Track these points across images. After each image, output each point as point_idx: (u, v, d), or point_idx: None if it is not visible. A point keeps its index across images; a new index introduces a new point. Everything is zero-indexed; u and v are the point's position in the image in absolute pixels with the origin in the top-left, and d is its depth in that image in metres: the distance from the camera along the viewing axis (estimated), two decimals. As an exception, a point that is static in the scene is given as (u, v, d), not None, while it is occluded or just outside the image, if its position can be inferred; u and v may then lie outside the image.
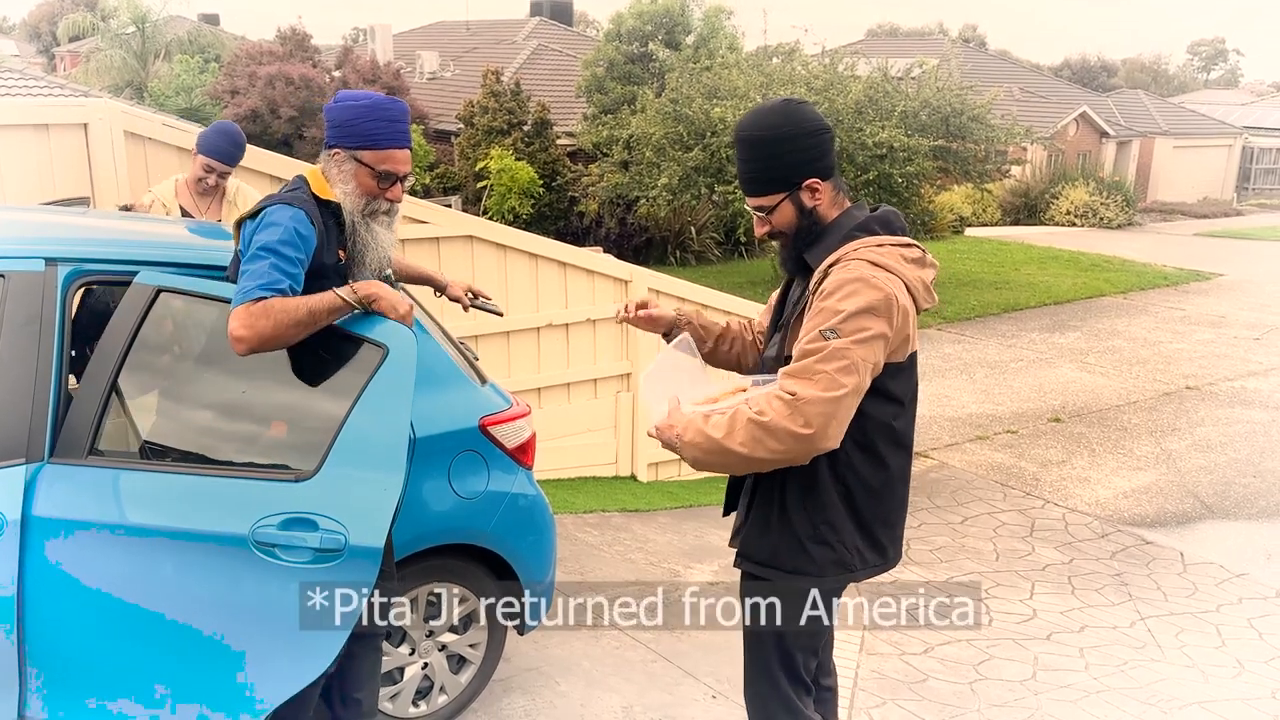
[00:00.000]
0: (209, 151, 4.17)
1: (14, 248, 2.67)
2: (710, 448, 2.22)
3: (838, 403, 2.15)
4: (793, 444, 2.15)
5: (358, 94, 2.65)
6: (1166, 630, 5.21)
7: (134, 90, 27.61)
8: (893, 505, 2.47)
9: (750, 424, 2.17)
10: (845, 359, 2.16)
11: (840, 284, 2.22)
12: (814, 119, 2.36)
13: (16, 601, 2.49)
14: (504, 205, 18.68)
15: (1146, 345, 12.82)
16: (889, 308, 2.21)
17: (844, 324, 2.18)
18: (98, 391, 2.54)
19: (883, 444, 2.37)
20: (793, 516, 2.38)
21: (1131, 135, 32.37)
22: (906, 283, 2.29)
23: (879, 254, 2.29)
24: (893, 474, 2.42)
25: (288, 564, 2.41)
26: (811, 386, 2.15)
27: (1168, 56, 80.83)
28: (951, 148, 15.40)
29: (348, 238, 2.63)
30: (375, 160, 2.58)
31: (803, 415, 2.13)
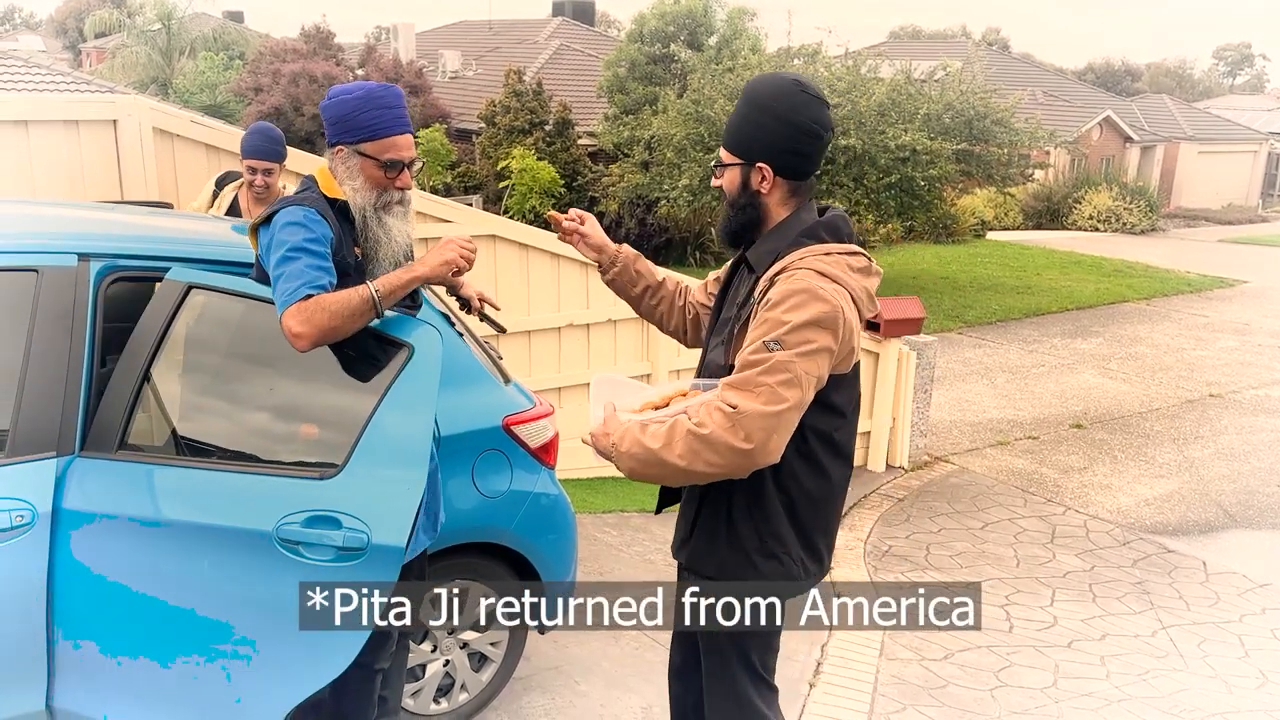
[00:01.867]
0: (248, 153, 4.20)
1: (47, 243, 2.69)
2: (647, 459, 2.16)
3: (779, 417, 2.10)
4: (732, 458, 2.10)
5: (350, 86, 2.61)
6: (1189, 640, 5.17)
7: (159, 86, 27.84)
8: (831, 515, 2.46)
9: (689, 436, 2.12)
10: (788, 372, 2.10)
11: (786, 295, 2.16)
12: (804, 113, 2.27)
13: (46, 593, 2.52)
14: (525, 205, 18.71)
15: (1169, 352, 12.73)
16: (835, 321, 2.15)
17: (789, 336, 2.12)
18: (128, 386, 2.56)
19: (824, 455, 2.33)
20: (740, 529, 2.34)
21: (1155, 140, 32.13)
22: (852, 293, 2.23)
23: (826, 263, 2.22)
24: (834, 484, 2.39)
25: (311, 562, 2.42)
26: (753, 400, 2.09)
27: (1193, 61, 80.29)
28: (974, 151, 15.32)
29: (359, 234, 2.62)
30: (378, 150, 2.56)
31: (743, 429, 2.08)
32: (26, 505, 2.49)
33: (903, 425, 7.71)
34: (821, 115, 2.31)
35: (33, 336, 2.60)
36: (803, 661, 4.43)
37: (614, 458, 2.22)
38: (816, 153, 2.32)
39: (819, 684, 4.27)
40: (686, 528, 2.47)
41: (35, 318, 2.61)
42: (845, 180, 14.75)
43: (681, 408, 2.23)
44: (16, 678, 2.54)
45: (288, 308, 2.36)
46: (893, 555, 6.05)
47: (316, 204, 2.54)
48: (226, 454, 2.58)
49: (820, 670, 4.40)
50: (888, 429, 7.66)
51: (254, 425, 2.61)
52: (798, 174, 2.31)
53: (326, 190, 2.60)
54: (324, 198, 2.58)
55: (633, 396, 2.35)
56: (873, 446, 7.68)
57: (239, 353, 2.67)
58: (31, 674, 2.56)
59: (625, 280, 2.68)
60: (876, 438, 7.65)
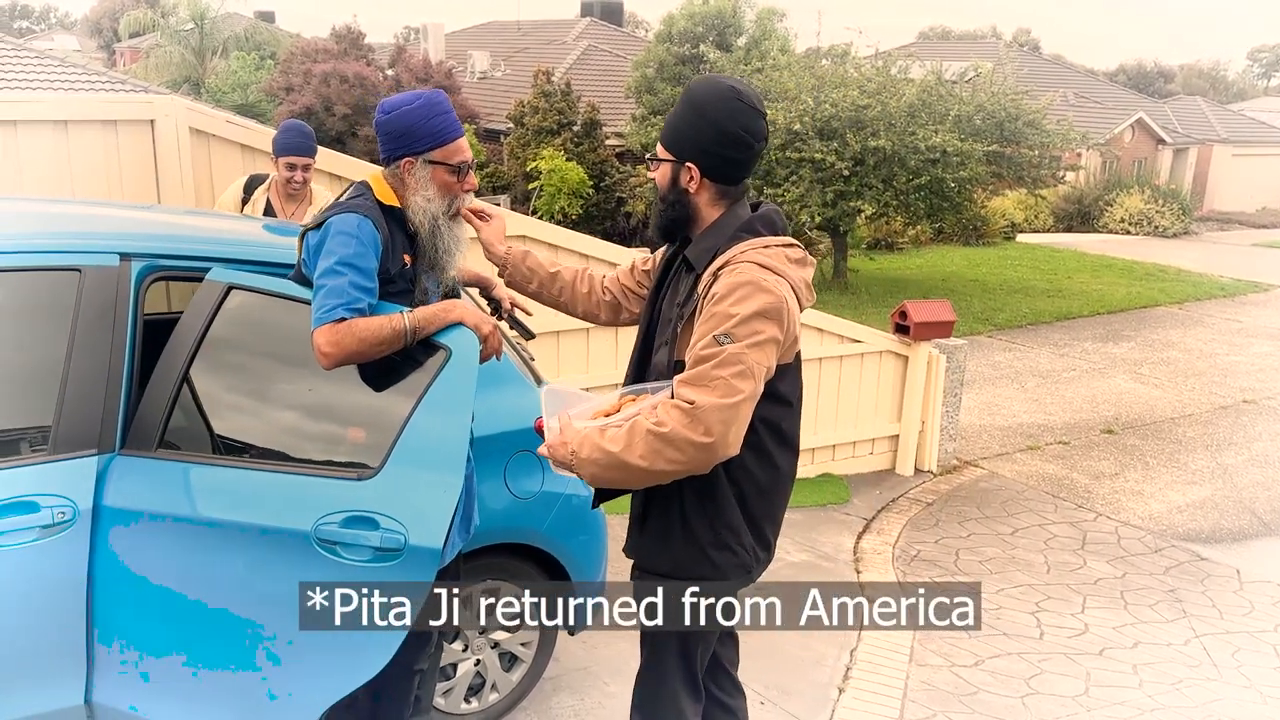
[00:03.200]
0: (286, 150, 4.24)
1: (89, 242, 2.73)
2: (609, 463, 2.17)
3: (736, 409, 2.13)
4: (694, 453, 2.13)
5: (405, 97, 2.61)
6: (1222, 649, 5.11)
7: (191, 86, 28.14)
8: (779, 503, 2.52)
9: (649, 435, 2.14)
10: (741, 364, 2.14)
11: (732, 288, 2.20)
12: (735, 121, 2.30)
13: (87, 589, 2.55)
14: (553, 206, 18.76)
15: (1202, 357, 12.57)
16: (780, 311, 2.20)
17: (738, 328, 2.16)
18: (168, 386, 2.59)
19: (772, 444, 2.40)
20: (694, 524, 2.38)
21: (1189, 142, 31.77)
22: (792, 284, 2.29)
23: (766, 255, 2.27)
24: (782, 473, 2.46)
25: (348, 562, 2.44)
26: (709, 394, 2.12)
27: (1227, 62, 79.33)
28: (1005, 152, 15.20)
29: (426, 243, 2.61)
30: (447, 155, 2.58)
31: (703, 423, 2.11)
32: (68, 502, 2.53)
33: (932, 429, 7.66)
34: (754, 125, 2.33)
35: (75, 335, 2.64)
36: (831, 666, 4.42)
37: (575, 466, 2.23)
38: (747, 160, 2.36)
39: (848, 689, 4.26)
40: (636, 526, 2.51)
41: (78, 317, 2.64)
42: (874, 181, 14.68)
43: (635, 410, 2.25)
44: (56, 673, 2.57)
45: (321, 325, 2.39)
46: (921, 560, 6.01)
47: (370, 212, 2.54)
48: (265, 454, 2.60)
49: (849, 675, 4.38)
50: (916, 433, 7.62)
51: (292, 426, 2.63)
52: (726, 179, 2.36)
53: (382, 197, 2.60)
54: (378, 204, 2.59)
55: (583, 405, 2.39)
56: (901, 450, 7.64)
57: (277, 353, 2.69)
58: (71, 669, 2.59)
59: (519, 278, 2.80)
60: (905, 441, 7.61)
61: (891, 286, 16.79)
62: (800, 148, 14.73)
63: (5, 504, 2.47)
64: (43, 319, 2.71)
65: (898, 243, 21.06)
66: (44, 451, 2.58)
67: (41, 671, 2.56)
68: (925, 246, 21.43)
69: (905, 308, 7.33)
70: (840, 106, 14.66)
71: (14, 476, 2.51)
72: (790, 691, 4.07)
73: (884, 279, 17.54)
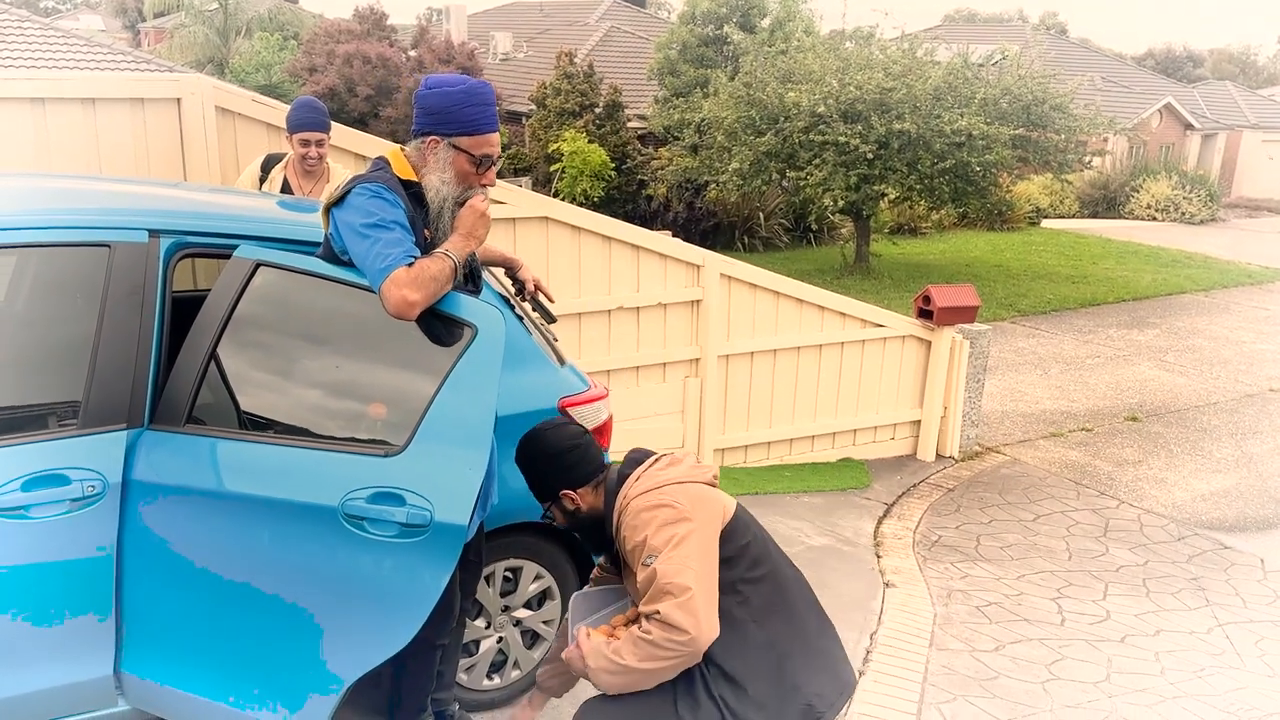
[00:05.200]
0: (299, 127, 4.28)
1: (119, 218, 2.75)
2: (614, 669, 2.44)
3: (693, 601, 2.35)
4: (680, 648, 2.35)
5: (451, 79, 2.64)
6: (1245, 638, 5.08)
7: (215, 67, 28.22)
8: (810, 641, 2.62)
9: (640, 641, 2.40)
10: (674, 567, 2.38)
11: (631, 528, 2.52)
12: (553, 444, 2.69)
13: (115, 561, 2.58)
14: (575, 188, 18.74)
15: (1229, 345, 12.45)
16: (676, 512, 2.47)
17: (653, 545, 2.43)
18: (196, 362, 2.61)
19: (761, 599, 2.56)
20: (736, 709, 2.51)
21: (1217, 128, 31.38)
22: (673, 481, 2.57)
23: (639, 486, 2.59)
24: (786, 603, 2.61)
25: (374, 537, 2.46)
26: (665, 602, 2.36)
27: (1258, 47, 78.16)
28: (1031, 137, 15.06)
29: (433, 222, 2.64)
30: (473, 146, 2.60)
31: (673, 625, 2.34)
32: (98, 476, 2.56)
33: (954, 415, 7.63)
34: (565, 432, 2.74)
35: (105, 310, 2.66)
36: (851, 650, 4.42)
37: (589, 674, 2.51)
38: (585, 457, 2.71)
39: (869, 672, 4.26)
40: None
41: (107, 292, 2.66)
42: (899, 165, 14.58)
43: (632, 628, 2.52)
44: (86, 644, 2.61)
45: (393, 272, 2.41)
46: (942, 545, 6.00)
47: (392, 184, 2.57)
48: (292, 429, 2.62)
49: (870, 659, 4.38)
50: (939, 418, 7.59)
51: (319, 402, 2.64)
52: (588, 477, 2.70)
53: (400, 172, 2.63)
54: (397, 179, 2.60)
55: (609, 609, 2.73)
56: (923, 435, 7.61)
57: (304, 330, 2.70)
58: (100, 640, 2.62)
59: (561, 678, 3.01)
60: (927, 426, 7.58)
61: (914, 271, 16.69)
62: (824, 130, 14.64)
63: (36, 477, 2.50)
64: (73, 294, 2.74)
65: (921, 227, 20.92)
66: (74, 426, 2.61)
67: (71, 642, 2.59)
68: (949, 231, 21.28)
69: (929, 292, 7.29)
70: (865, 89, 14.55)
71: (45, 450, 2.54)
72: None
73: (907, 264, 17.44)
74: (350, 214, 2.51)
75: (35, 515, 2.49)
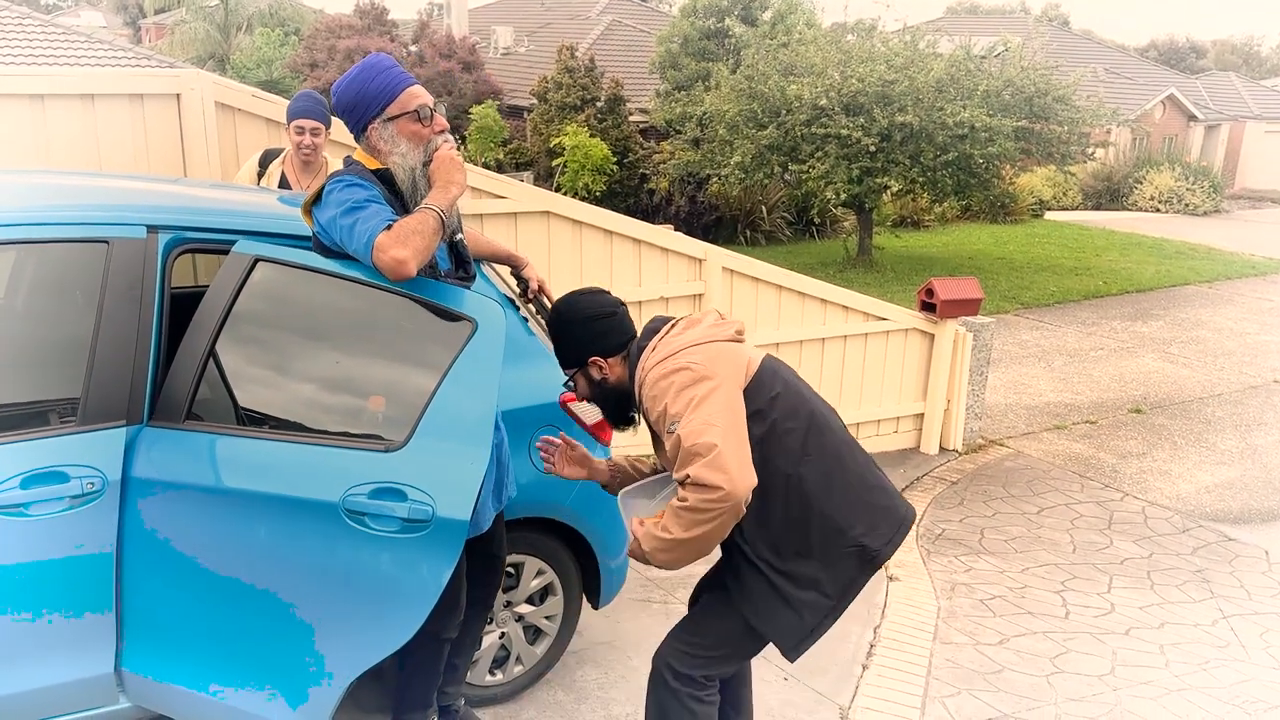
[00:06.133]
0: (295, 115, 4.30)
1: (117, 214, 2.73)
2: (666, 545, 2.43)
3: (722, 456, 2.33)
4: (719, 504, 2.33)
5: (347, 73, 2.68)
6: (1250, 630, 5.06)
7: (216, 62, 28.20)
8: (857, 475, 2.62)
9: (680, 512, 2.39)
10: (696, 427, 2.36)
11: (650, 399, 2.51)
12: (590, 308, 2.67)
13: (115, 559, 2.57)
14: (577, 182, 18.71)
15: (1233, 336, 12.42)
16: (694, 375, 2.45)
17: (674, 411, 2.42)
18: (195, 358, 2.60)
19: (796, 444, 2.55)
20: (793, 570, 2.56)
21: (1221, 119, 31.29)
22: (691, 344, 2.52)
23: (656, 355, 2.55)
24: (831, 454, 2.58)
25: (376, 532, 2.45)
26: (694, 464, 2.34)
27: (1261, 37, 77.96)
28: (1034, 129, 15.01)
29: (410, 195, 2.65)
30: (402, 106, 2.62)
31: (705, 484, 2.32)
32: (97, 473, 2.55)
33: (957, 408, 7.61)
34: (601, 299, 2.72)
35: (103, 307, 2.65)
36: (855, 643, 4.41)
37: (647, 558, 2.51)
38: (618, 326, 2.69)
39: (872, 666, 4.25)
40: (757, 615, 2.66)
41: (105, 288, 2.65)
42: (901, 158, 14.53)
43: None
44: (86, 641, 2.60)
45: (376, 238, 2.43)
46: (946, 539, 5.98)
47: (363, 174, 2.62)
48: (292, 425, 2.61)
49: (873, 653, 4.37)
50: (942, 411, 7.57)
51: (320, 398, 2.63)
52: (619, 346, 2.68)
53: (368, 164, 2.67)
54: (368, 169, 2.63)
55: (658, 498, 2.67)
56: (926, 429, 7.60)
57: (304, 325, 2.69)
58: (100, 638, 2.62)
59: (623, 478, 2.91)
60: (930, 420, 7.56)
61: (917, 264, 16.66)
62: (826, 123, 14.60)
63: (35, 474, 2.49)
64: (71, 291, 2.73)
65: (924, 220, 20.88)
66: (73, 422, 2.60)
67: (72, 640, 2.58)
68: (952, 224, 21.24)
69: (932, 285, 7.27)
70: (867, 81, 14.50)
71: (44, 447, 2.53)
72: (815, 669, 4.06)
73: (910, 257, 17.41)
74: (329, 209, 2.55)
75: (35, 513, 2.48)
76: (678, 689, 2.66)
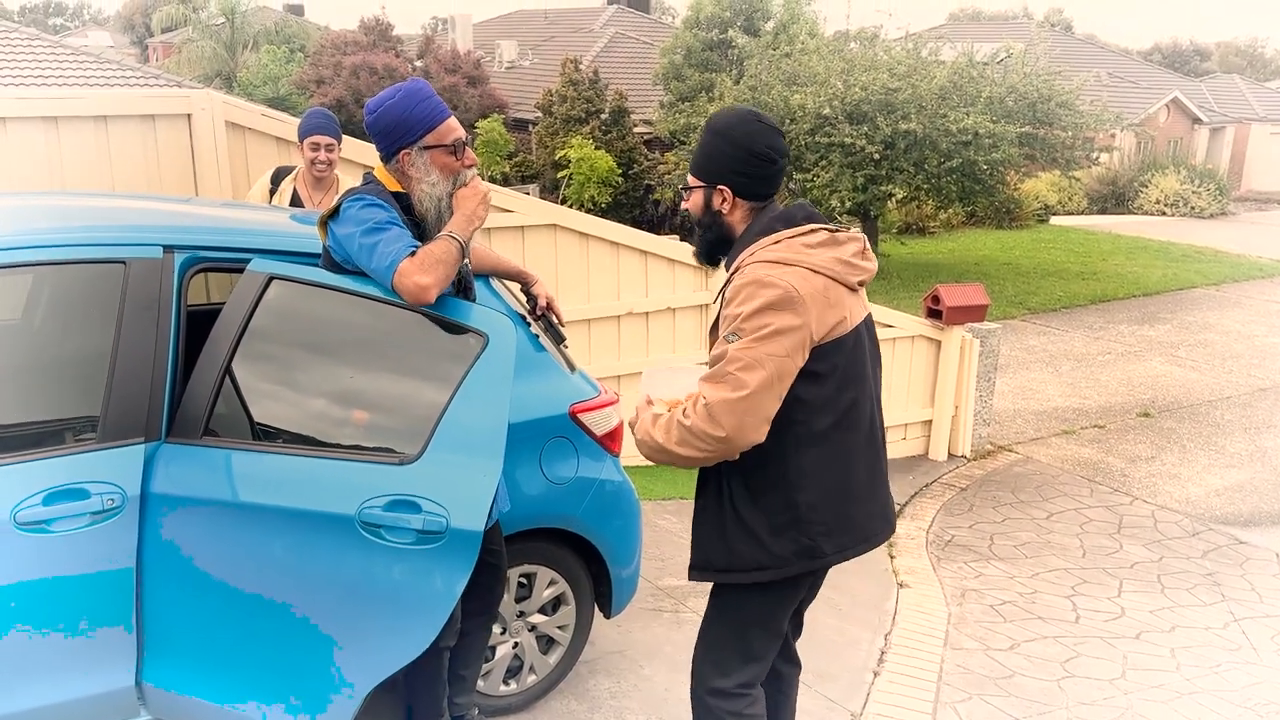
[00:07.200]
0: (309, 131, 4.32)
1: (133, 235, 2.78)
2: (655, 447, 2.39)
3: (745, 401, 2.26)
4: (715, 444, 2.29)
5: (386, 94, 2.69)
6: (1261, 633, 5.07)
7: (223, 80, 28.39)
8: (846, 481, 2.50)
9: (679, 427, 2.33)
10: (747, 358, 2.27)
11: (737, 290, 2.35)
12: (760, 140, 2.44)
13: (136, 573, 2.61)
14: (583, 194, 18.79)
15: (1240, 339, 12.41)
16: (787, 300, 2.30)
17: (743, 325, 2.30)
18: (212, 375, 2.64)
19: (818, 423, 2.43)
20: (745, 516, 2.47)
21: (1226, 121, 31.26)
22: (813, 268, 2.37)
23: (774, 251, 2.39)
24: (837, 450, 2.47)
25: (391, 544, 2.48)
26: (719, 389, 2.28)
27: (1265, 39, 77.86)
28: (1038, 134, 15.05)
29: (431, 226, 2.68)
30: (440, 137, 2.65)
31: (715, 418, 2.27)
32: (117, 489, 2.58)
33: (965, 414, 7.63)
34: (776, 142, 2.48)
35: (121, 326, 2.69)
36: (866, 650, 4.43)
37: (638, 446, 2.45)
38: (772, 176, 2.48)
39: (883, 673, 4.26)
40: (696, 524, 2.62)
41: (123, 308, 2.70)
42: (905, 165, 14.58)
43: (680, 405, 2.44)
44: (108, 655, 2.64)
45: (400, 263, 2.48)
46: (955, 545, 6.00)
47: (382, 194, 2.65)
48: (307, 440, 2.64)
49: (884, 659, 4.39)
50: (950, 417, 7.59)
51: (334, 412, 2.67)
52: (755, 195, 2.49)
53: (386, 184, 2.70)
54: (387, 190, 2.67)
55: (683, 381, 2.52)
56: (935, 435, 7.61)
57: (318, 342, 2.73)
58: (121, 652, 2.65)
59: None
60: (939, 426, 7.58)
61: (923, 271, 16.68)
62: (830, 132, 14.65)
63: (56, 491, 2.53)
64: (90, 311, 2.77)
65: (929, 227, 20.90)
66: (92, 440, 2.63)
67: (93, 654, 2.62)
68: (957, 230, 21.26)
69: (938, 292, 7.29)
70: (870, 90, 14.56)
71: (64, 464, 2.57)
72: (826, 675, 4.08)
73: (915, 263, 17.43)
74: (348, 225, 2.57)
75: (56, 529, 2.52)
76: (715, 705, 2.62)
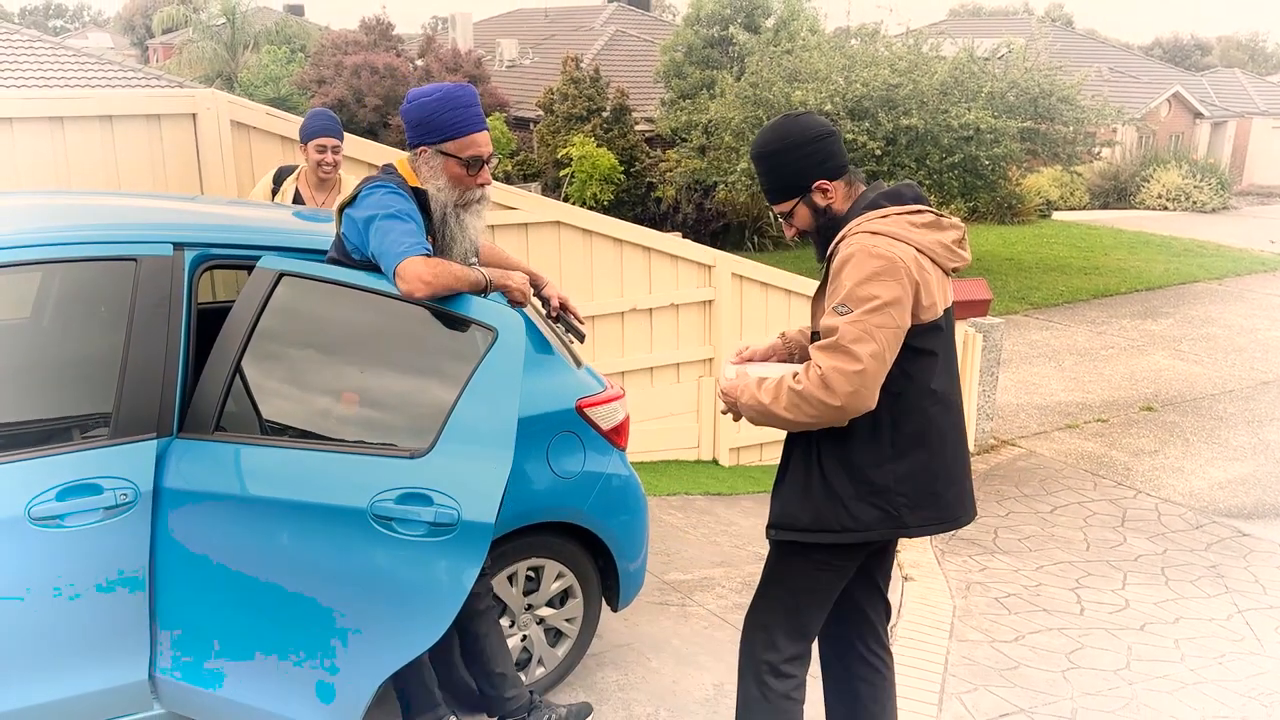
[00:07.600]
0: (315, 134, 4.35)
1: (144, 232, 2.80)
2: (761, 409, 2.43)
3: (860, 374, 2.30)
4: (825, 410, 2.33)
5: (428, 89, 2.73)
6: (1265, 624, 5.09)
7: (224, 80, 28.43)
8: (939, 457, 2.53)
9: (790, 391, 2.37)
10: (857, 331, 2.31)
11: (844, 261, 2.39)
12: (812, 127, 2.52)
13: (149, 567, 2.64)
14: (585, 192, 18.81)
15: (1243, 332, 12.43)
16: (894, 270, 2.34)
17: (853, 296, 2.33)
18: (223, 371, 2.67)
19: (916, 397, 2.47)
20: (832, 480, 2.49)
21: (1227, 115, 31.25)
22: (917, 246, 2.41)
23: (882, 224, 2.42)
24: (934, 426, 2.51)
25: (403, 537, 2.51)
26: (831, 359, 2.32)
27: (1266, 33, 77.80)
28: (1040, 129, 15.06)
29: (436, 228, 2.72)
30: (459, 149, 2.69)
31: (829, 386, 2.31)
32: (130, 484, 2.61)
33: (969, 408, 7.65)
34: (811, 120, 2.55)
35: (132, 323, 2.72)
36: (872, 642, 4.44)
37: (739, 408, 2.49)
38: (837, 147, 2.55)
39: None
40: (780, 483, 2.63)
41: (135, 305, 2.72)
42: (907, 160, 14.59)
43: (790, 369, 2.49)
44: (121, 649, 2.66)
45: (412, 255, 2.50)
46: (960, 538, 6.02)
47: (401, 186, 2.68)
48: (318, 435, 2.67)
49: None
50: (953, 412, 7.61)
51: (345, 407, 2.69)
52: (841, 169, 2.55)
53: (407, 178, 2.72)
54: (406, 183, 2.70)
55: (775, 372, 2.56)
56: (938, 429, 7.63)
57: (328, 338, 2.76)
58: (135, 645, 2.68)
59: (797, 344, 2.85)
60: (942, 421, 7.60)
61: (925, 267, 16.67)
62: (831, 128, 14.66)
63: (70, 487, 2.56)
64: (101, 308, 2.80)
65: (931, 223, 20.88)
66: (105, 436, 2.66)
67: (107, 647, 2.64)
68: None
69: (940, 287, 7.31)
70: (871, 86, 14.57)
71: (78, 460, 2.60)
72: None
73: (917, 259, 17.42)
74: (365, 209, 2.61)
75: (70, 524, 2.55)
76: (768, 683, 2.62)
